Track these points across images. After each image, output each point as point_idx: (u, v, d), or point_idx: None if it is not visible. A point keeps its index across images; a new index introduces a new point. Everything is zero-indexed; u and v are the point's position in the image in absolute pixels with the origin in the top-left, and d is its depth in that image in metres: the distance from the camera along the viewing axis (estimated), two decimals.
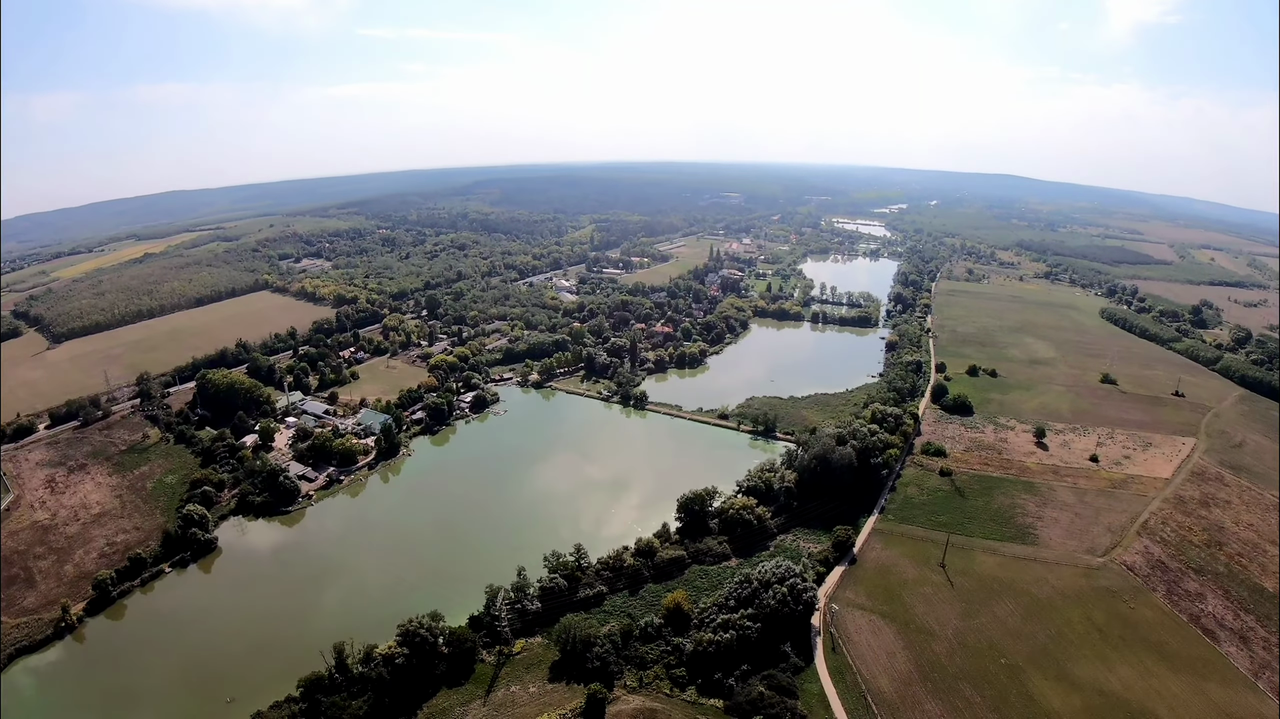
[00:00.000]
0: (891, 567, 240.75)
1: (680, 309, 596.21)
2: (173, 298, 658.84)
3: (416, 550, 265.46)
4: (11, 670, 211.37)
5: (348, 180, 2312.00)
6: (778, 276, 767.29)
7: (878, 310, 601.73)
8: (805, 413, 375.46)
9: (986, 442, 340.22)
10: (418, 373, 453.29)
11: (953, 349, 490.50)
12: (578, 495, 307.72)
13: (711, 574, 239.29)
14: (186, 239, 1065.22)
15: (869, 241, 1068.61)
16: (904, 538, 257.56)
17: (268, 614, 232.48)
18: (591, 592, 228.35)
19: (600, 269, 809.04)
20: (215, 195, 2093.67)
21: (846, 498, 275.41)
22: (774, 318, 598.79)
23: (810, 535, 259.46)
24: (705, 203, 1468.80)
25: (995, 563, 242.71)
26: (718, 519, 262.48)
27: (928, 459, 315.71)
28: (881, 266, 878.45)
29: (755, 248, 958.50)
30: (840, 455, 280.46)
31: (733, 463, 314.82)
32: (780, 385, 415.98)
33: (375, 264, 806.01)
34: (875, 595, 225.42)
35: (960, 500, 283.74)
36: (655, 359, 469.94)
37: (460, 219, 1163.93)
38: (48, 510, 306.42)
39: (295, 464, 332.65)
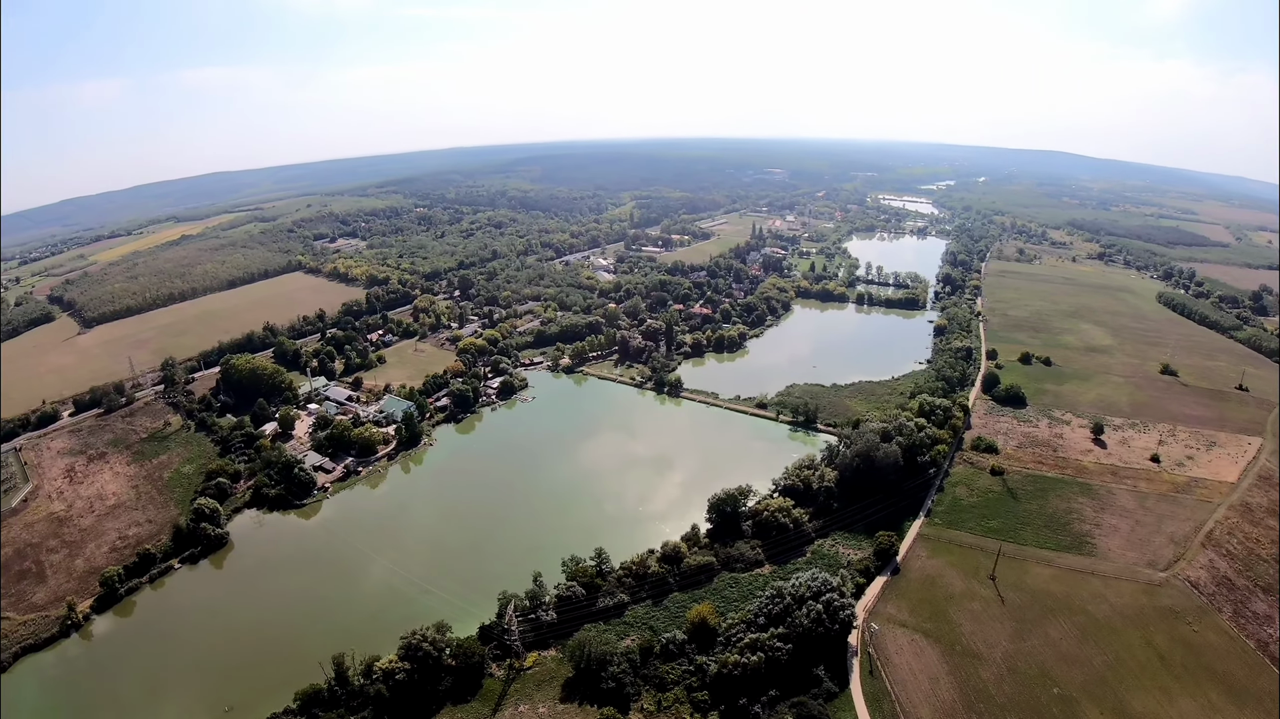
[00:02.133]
0: (937, 578, 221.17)
1: (720, 289, 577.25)
2: (205, 280, 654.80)
3: (430, 549, 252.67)
4: (16, 669, 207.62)
5: (389, 159, 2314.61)
6: (822, 255, 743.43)
7: (925, 292, 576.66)
8: (848, 402, 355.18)
9: (1041, 437, 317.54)
10: (446, 357, 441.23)
11: (1004, 334, 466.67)
12: (603, 492, 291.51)
13: (742, 583, 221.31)
14: (225, 220, 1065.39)
15: (916, 219, 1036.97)
16: (951, 545, 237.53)
17: (273, 616, 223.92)
18: (612, 601, 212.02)
19: (639, 247, 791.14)
20: (258, 176, 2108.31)
21: (890, 499, 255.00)
22: (817, 299, 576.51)
23: (850, 540, 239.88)
24: (749, 179, 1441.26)
25: (1049, 576, 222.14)
26: (751, 521, 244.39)
27: (978, 456, 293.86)
28: (929, 245, 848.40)
29: (799, 225, 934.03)
30: (885, 453, 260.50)
31: (770, 457, 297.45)
32: (822, 372, 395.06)
33: (410, 243, 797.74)
34: (919, 611, 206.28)
35: (1012, 503, 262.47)
36: (692, 342, 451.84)
37: (499, 197, 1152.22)
38: (64, 501, 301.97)
39: (313, 454, 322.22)
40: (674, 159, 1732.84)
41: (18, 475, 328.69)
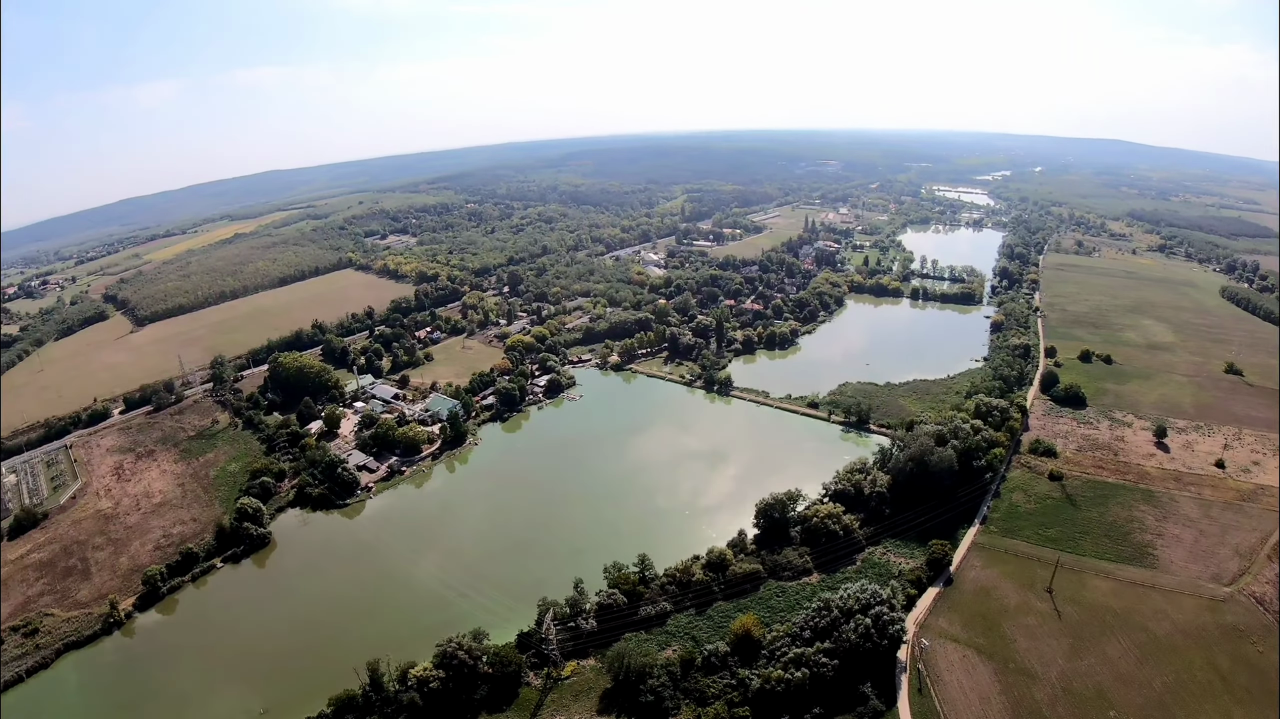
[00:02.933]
0: (992, 590, 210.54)
1: (772, 284, 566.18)
2: (256, 278, 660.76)
3: (472, 552, 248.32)
4: (58, 666, 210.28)
5: (441, 155, 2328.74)
6: (875, 249, 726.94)
7: (982, 286, 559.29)
8: (902, 402, 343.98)
9: (1101, 440, 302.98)
10: (493, 354, 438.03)
11: (1063, 331, 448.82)
12: (649, 494, 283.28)
13: (789, 592, 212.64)
14: (277, 218, 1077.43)
15: (971, 210, 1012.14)
16: (1007, 555, 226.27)
17: (311, 617, 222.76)
18: (654, 609, 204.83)
19: (690, 241, 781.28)
20: (312, 173, 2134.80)
21: (945, 505, 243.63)
22: (871, 293, 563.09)
23: (902, 548, 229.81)
24: (801, 171, 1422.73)
25: (1109, 589, 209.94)
26: (800, 527, 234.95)
27: (1036, 459, 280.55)
28: (985, 237, 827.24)
29: (852, 218, 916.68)
30: (939, 458, 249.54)
31: (821, 458, 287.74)
32: (876, 370, 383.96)
33: (460, 239, 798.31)
34: (972, 625, 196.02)
35: (1071, 510, 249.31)
36: (743, 339, 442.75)
37: (550, 191, 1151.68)
38: (112, 499, 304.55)
39: (357, 453, 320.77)
40: (726, 151, 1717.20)
41: (67, 473, 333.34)
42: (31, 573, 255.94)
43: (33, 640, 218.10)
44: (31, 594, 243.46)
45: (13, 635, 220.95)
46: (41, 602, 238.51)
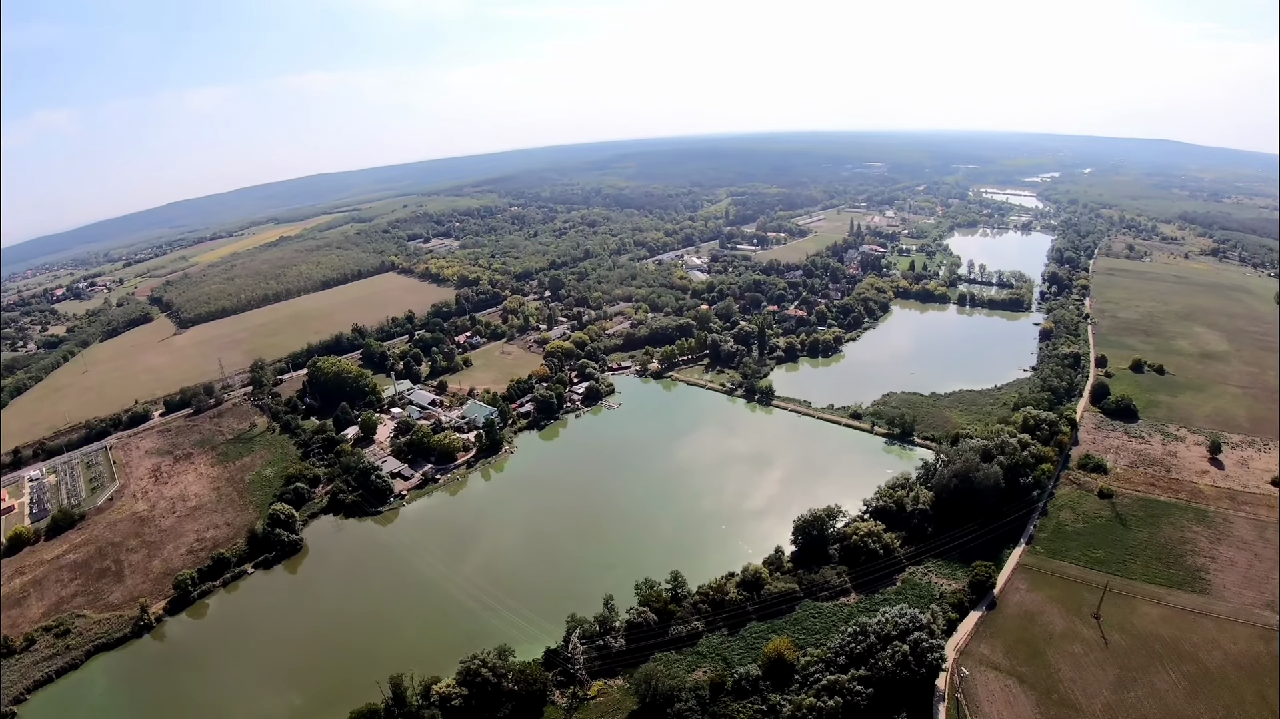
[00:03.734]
0: (1037, 615, 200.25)
1: (816, 289, 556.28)
2: (299, 281, 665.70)
3: (502, 564, 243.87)
4: (88, 667, 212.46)
5: (486, 158, 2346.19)
6: (922, 253, 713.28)
7: (1030, 292, 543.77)
8: (948, 413, 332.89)
9: (1153, 455, 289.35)
10: (532, 359, 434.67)
11: (1114, 339, 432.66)
12: (684, 507, 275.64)
13: (826, 613, 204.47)
14: (323, 221, 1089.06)
15: (1020, 213, 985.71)
16: (1054, 577, 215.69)
17: (338, 626, 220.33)
18: (685, 629, 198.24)
19: (734, 245, 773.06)
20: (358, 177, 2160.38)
21: (989, 523, 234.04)
22: (917, 299, 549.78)
23: (944, 569, 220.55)
24: (847, 173, 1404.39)
25: (1159, 616, 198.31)
26: (838, 545, 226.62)
27: (1085, 476, 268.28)
28: (1034, 241, 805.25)
29: (899, 221, 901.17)
30: (985, 474, 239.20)
31: (863, 472, 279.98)
32: (921, 379, 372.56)
33: (502, 243, 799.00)
34: (1014, 652, 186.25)
35: (1121, 530, 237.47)
36: (785, 346, 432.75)
37: (594, 194, 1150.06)
38: (148, 501, 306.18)
39: (392, 460, 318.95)
40: (770, 154, 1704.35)
41: (106, 474, 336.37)
42: (66, 573, 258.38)
43: (64, 641, 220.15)
44: (65, 595, 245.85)
45: (44, 635, 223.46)
46: (74, 602, 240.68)
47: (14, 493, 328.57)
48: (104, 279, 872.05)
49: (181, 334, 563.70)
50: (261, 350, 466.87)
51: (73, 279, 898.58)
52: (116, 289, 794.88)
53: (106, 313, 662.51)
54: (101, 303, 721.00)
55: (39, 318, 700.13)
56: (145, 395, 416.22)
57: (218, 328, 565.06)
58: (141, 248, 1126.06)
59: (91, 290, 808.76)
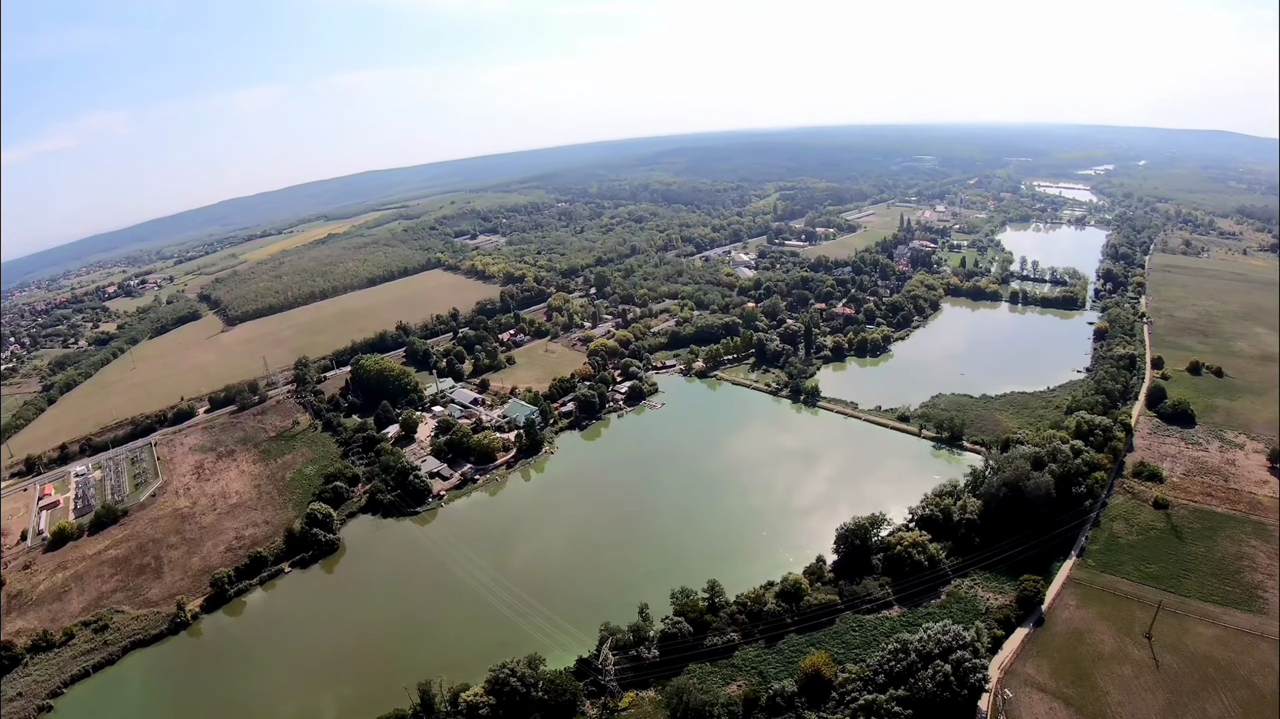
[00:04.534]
0: (1086, 633, 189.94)
1: (865, 286, 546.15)
2: (345, 279, 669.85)
3: (538, 568, 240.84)
4: (124, 663, 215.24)
5: (534, 154, 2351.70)
6: (973, 248, 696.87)
7: (1084, 289, 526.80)
8: (998, 416, 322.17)
9: (1211, 463, 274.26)
10: (576, 358, 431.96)
11: (1170, 339, 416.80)
12: (725, 512, 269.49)
13: (866, 626, 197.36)
14: (371, 218, 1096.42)
15: (1073, 207, 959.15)
16: (1105, 593, 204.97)
17: (371, 628, 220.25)
18: (721, 640, 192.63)
19: (782, 241, 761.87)
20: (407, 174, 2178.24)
21: (1039, 534, 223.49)
22: (968, 297, 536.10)
23: (991, 582, 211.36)
24: (897, 167, 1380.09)
25: (1213, 637, 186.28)
26: (882, 555, 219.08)
27: (1140, 485, 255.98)
28: (1088, 236, 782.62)
29: (949, 215, 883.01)
30: (1036, 483, 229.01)
31: (909, 477, 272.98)
32: (971, 380, 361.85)
33: (549, 239, 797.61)
34: (1061, 673, 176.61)
35: (1176, 544, 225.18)
36: (833, 345, 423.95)
37: (641, 190, 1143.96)
38: (190, 498, 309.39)
39: (432, 459, 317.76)
40: (819, 147, 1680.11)
41: (149, 470, 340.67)
42: (107, 569, 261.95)
43: (102, 637, 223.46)
44: (105, 590, 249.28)
45: (83, 630, 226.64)
46: (114, 598, 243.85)
47: (60, 488, 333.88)
48: (155, 276, 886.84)
49: (229, 331, 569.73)
50: (306, 348, 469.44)
51: (125, 276, 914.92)
52: (167, 286, 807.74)
53: (156, 310, 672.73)
54: (152, 300, 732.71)
55: (90, 315, 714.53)
56: (191, 392, 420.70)
57: (264, 325, 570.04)
58: (193, 245, 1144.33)
59: (143, 288, 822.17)
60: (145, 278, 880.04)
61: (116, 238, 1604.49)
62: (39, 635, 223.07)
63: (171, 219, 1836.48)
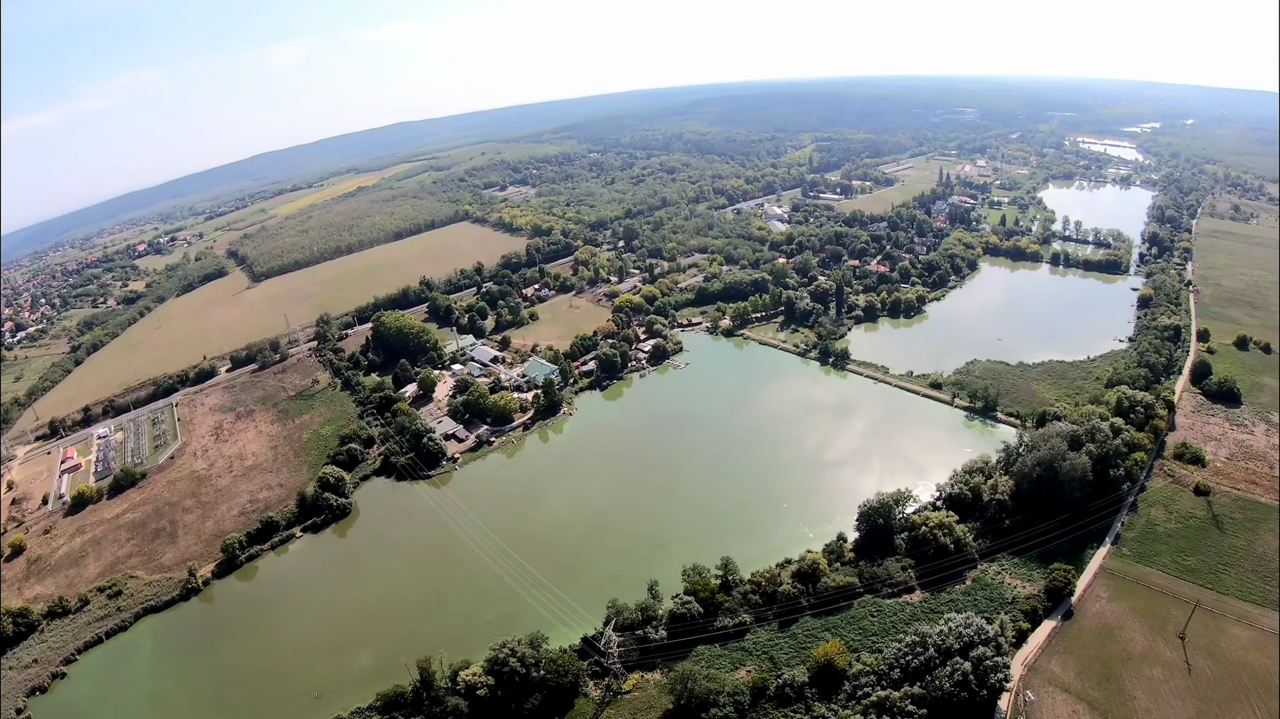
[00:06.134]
0: (1116, 629, 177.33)
1: (900, 243, 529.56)
2: (372, 232, 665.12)
3: (550, 537, 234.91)
4: (136, 629, 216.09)
5: (567, 104, 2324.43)
6: (1014, 206, 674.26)
7: (1129, 253, 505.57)
8: (1035, 386, 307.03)
9: (1256, 448, 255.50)
10: (600, 314, 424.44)
11: (1216, 310, 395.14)
12: (745, 481, 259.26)
13: (886, 611, 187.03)
14: (401, 170, 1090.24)
15: (1119, 166, 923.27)
16: (1138, 586, 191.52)
17: (377, 597, 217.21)
18: (733, 622, 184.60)
19: (817, 194, 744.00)
20: (439, 125, 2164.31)
21: (1073, 519, 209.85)
22: (1007, 257, 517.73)
23: (1020, 568, 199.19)
24: (937, 119, 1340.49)
25: (1249, 640, 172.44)
26: (906, 534, 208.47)
27: (1181, 468, 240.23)
28: (1133, 196, 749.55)
29: (990, 171, 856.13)
30: (1072, 465, 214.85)
31: (939, 449, 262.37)
32: (1008, 346, 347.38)
33: (578, 191, 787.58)
34: (1088, 672, 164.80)
35: (1216, 535, 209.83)
36: (865, 305, 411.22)
37: (674, 140, 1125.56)
38: (207, 460, 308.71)
39: (448, 420, 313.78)
40: (858, 98, 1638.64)
41: (169, 432, 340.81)
42: (124, 533, 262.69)
43: (115, 603, 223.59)
44: (121, 555, 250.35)
45: (98, 596, 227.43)
46: (129, 563, 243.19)
47: (82, 451, 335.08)
48: (185, 233, 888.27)
49: (254, 288, 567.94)
50: (330, 304, 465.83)
51: (156, 234, 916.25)
52: (196, 243, 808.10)
53: (184, 267, 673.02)
54: (180, 257, 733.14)
55: (120, 274, 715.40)
56: (214, 351, 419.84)
57: (289, 281, 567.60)
58: (225, 201, 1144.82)
59: (172, 245, 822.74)
60: (175, 235, 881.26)
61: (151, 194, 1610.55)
62: (55, 602, 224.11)
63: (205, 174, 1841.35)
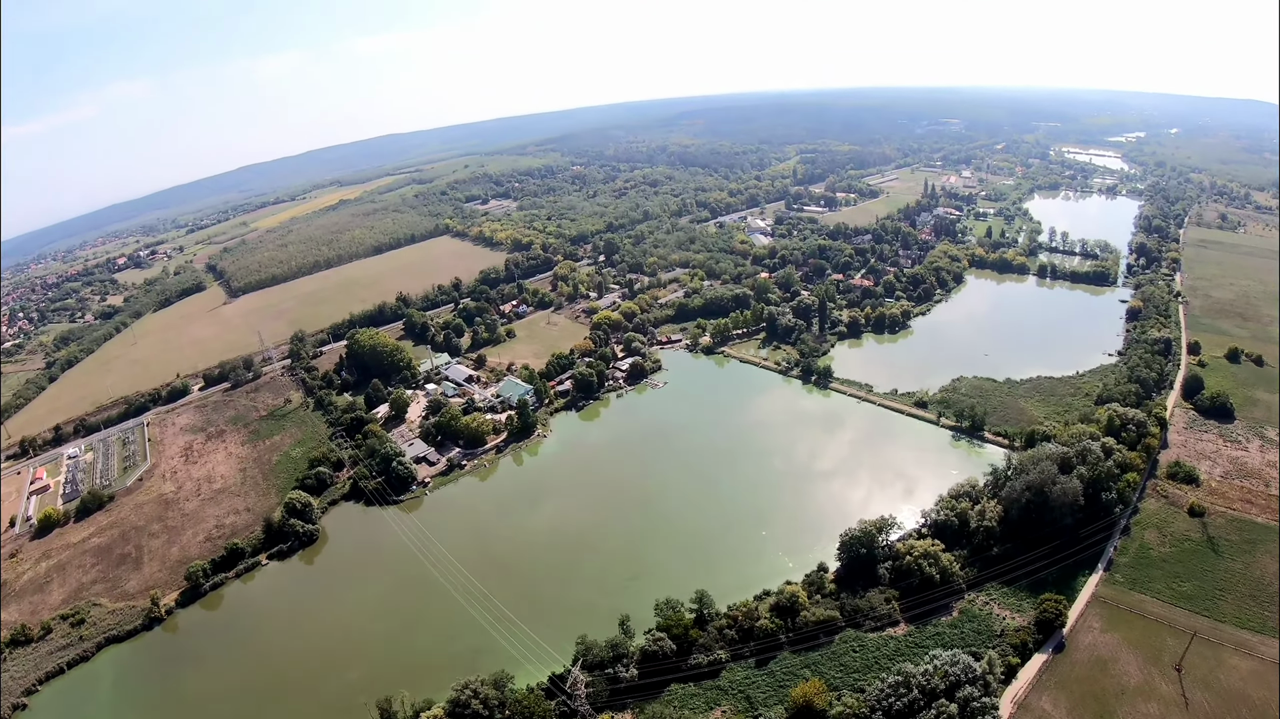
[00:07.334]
0: (1110, 663, 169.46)
1: (885, 256, 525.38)
2: (351, 247, 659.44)
3: (520, 566, 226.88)
4: (99, 658, 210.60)
5: (553, 116, 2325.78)
6: (1000, 217, 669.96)
7: (1116, 263, 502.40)
8: (1023, 404, 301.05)
9: (1251, 465, 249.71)
10: (578, 331, 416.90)
11: (1207, 322, 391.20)
12: (721, 506, 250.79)
13: (869, 646, 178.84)
14: (384, 183, 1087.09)
15: (1104, 175, 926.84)
16: (1133, 616, 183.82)
17: (341, 630, 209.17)
18: (707, 659, 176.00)
19: (800, 206, 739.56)
20: (426, 137, 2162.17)
21: (1064, 545, 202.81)
22: (993, 269, 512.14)
23: (1008, 598, 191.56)
24: (922, 130, 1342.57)
25: (1248, 671, 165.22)
26: (889, 564, 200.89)
27: (1174, 488, 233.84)
28: (1119, 206, 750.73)
29: (975, 181, 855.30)
30: (1062, 489, 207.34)
31: (924, 471, 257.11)
32: (995, 362, 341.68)
33: (560, 204, 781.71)
34: (1081, 710, 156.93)
35: (1212, 558, 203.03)
36: (849, 320, 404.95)
37: (658, 153, 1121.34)
38: (175, 482, 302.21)
39: (419, 443, 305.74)
40: (842, 109, 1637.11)
41: (139, 452, 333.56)
42: (89, 559, 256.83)
43: (78, 631, 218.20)
44: (85, 581, 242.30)
45: (61, 624, 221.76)
46: (93, 590, 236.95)
47: (52, 472, 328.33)
48: (166, 246, 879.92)
49: (231, 303, 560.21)
50: (306, 320, 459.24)
51: (137, 246, 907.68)
52: (176, 257, 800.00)
53: (163, 282, 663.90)
54: (160, 271, 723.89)
55: (99, 287, 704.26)
56: (187, 369, 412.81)
57: (267, 296, 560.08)
58: (208, 213, 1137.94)
59: (152, 258, 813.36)
60: (156, 248, 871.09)
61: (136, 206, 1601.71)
62: (18, 629, 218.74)
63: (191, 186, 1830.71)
